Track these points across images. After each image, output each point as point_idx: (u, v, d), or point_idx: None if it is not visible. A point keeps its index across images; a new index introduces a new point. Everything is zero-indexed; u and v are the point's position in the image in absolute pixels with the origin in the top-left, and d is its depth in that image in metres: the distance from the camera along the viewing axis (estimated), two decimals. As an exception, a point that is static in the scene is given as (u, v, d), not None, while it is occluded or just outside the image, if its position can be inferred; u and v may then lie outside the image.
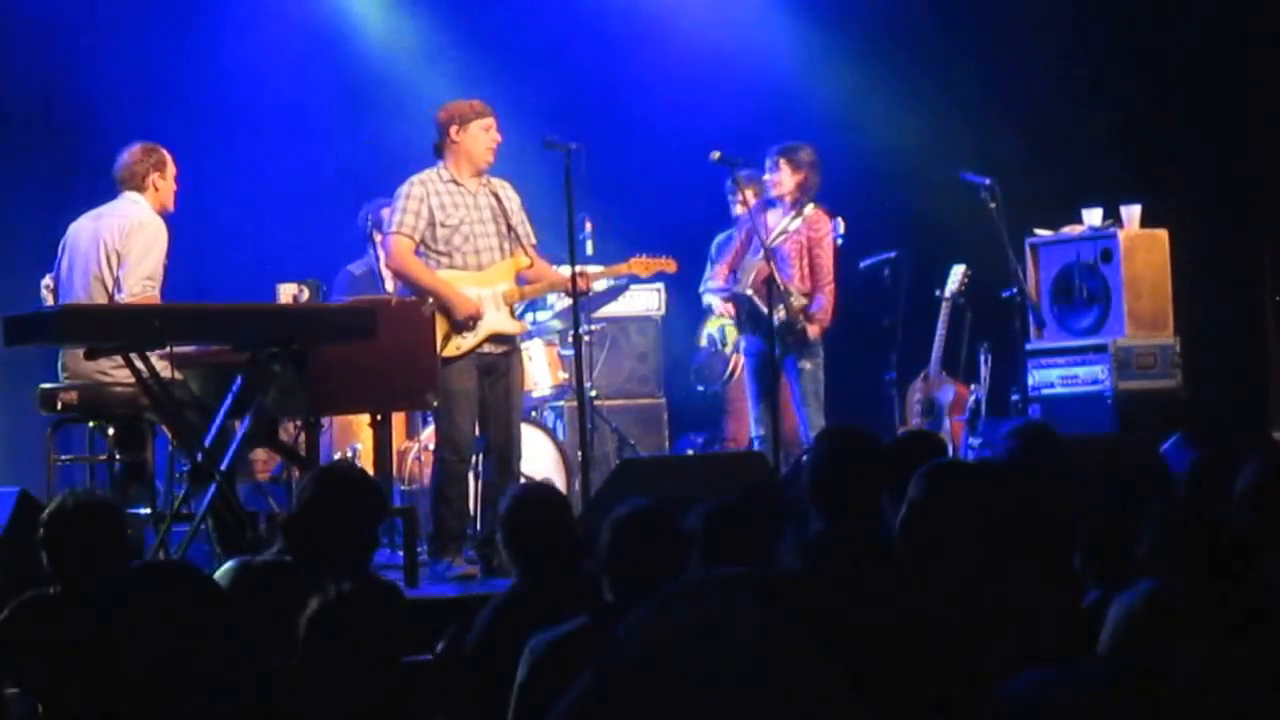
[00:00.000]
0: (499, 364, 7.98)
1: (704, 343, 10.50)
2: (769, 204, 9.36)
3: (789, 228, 9.23)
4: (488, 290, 7.98)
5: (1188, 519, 3.84)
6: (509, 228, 8.04)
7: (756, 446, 9.11)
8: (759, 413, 9.19)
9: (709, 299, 9.82)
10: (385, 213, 8.37)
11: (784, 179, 9.23)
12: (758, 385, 9.23)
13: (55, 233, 7.96)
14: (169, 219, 7.79)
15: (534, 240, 8.17)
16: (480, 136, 7.98)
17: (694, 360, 10.55)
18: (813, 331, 9.11)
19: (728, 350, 10.30)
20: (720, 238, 10.21)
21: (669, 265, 8.95)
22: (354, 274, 9.63)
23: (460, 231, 7.97)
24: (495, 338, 7.96)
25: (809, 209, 9.20)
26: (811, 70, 11.36)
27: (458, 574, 7.61)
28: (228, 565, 4.87)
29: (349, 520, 4.91)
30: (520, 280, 8.09)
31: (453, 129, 7.98)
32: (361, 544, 4.94)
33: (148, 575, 3.05)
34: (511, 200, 8.11)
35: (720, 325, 10.29)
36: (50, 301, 7.73)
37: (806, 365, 9.11)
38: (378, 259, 9.33)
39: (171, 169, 7.88)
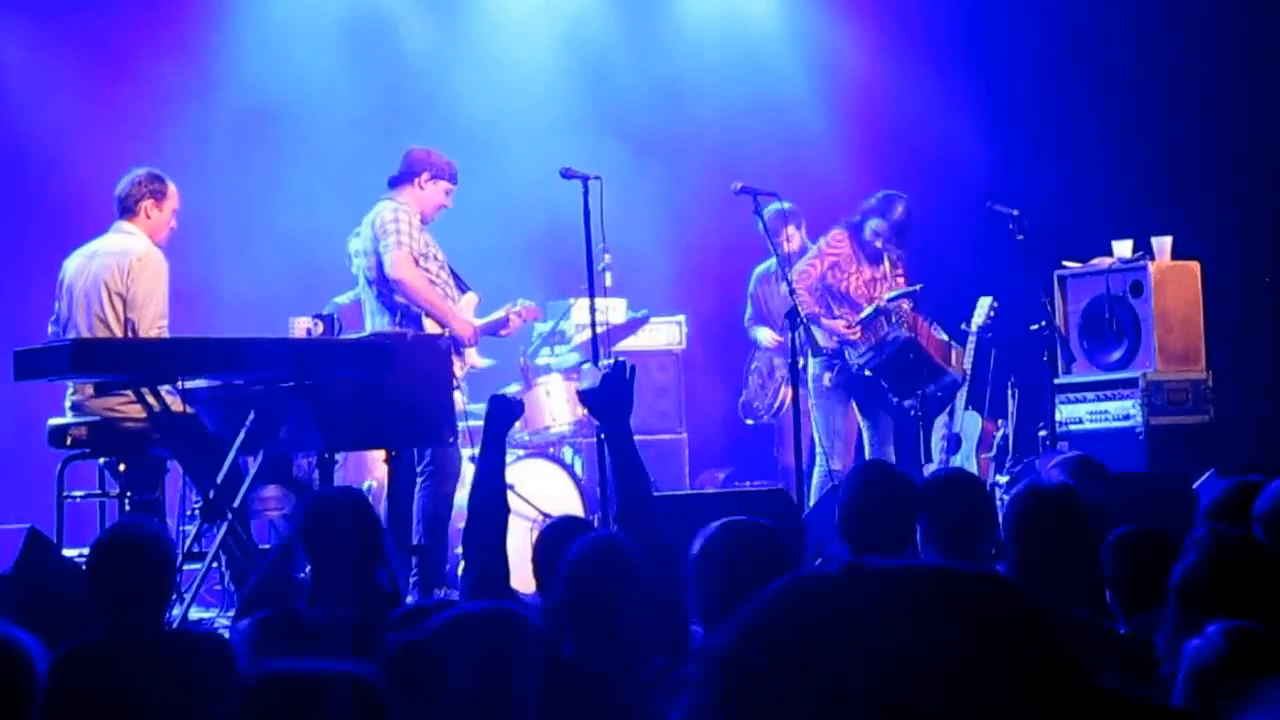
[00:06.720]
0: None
1: (754, 377, 10.37)
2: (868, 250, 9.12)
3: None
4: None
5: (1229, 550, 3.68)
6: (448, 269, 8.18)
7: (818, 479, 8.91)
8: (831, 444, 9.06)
9: (759, 332, 9.78)
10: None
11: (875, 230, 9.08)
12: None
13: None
14: (166, 250, 7.62)
15: None
16: (439, 197, 8.15)
17: (740, 393, 10.43)
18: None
19: (777, 380, 10.19)
20: (759, 270, 10.08)
21: (530, 313, 8.61)
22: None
23: (438, 262, 8.05)
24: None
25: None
26: (839, 99, 11.25)
27: None
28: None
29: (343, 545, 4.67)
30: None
31: (424, 176, 8.11)
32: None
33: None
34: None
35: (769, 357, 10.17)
36: (55, 343, 7.57)
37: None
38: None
39: (171, 203, 7.64)
